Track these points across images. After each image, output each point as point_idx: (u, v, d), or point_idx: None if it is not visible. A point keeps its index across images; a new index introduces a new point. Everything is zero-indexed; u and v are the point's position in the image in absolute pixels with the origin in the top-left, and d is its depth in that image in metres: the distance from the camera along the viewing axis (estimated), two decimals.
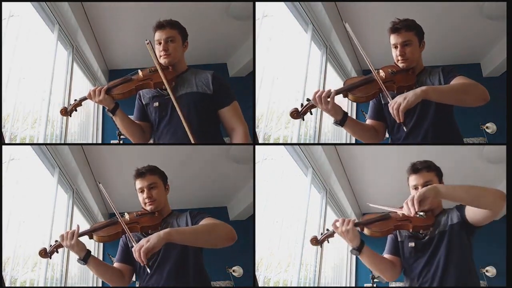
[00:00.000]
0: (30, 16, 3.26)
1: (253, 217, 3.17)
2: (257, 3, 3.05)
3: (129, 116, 2.52)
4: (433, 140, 2.36)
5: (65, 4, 3.28)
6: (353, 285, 4.08)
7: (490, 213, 2.20)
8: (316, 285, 3.66)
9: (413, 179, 2.37)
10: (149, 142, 2.61)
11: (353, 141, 3.99)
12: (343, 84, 2.35)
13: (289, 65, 3.56)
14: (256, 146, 3.10)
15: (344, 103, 3.88)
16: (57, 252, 2.42)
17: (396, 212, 2.31)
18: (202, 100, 2.42)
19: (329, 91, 2.24)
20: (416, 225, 2.31)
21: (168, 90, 2.36)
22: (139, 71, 2.42)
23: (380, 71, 2.35)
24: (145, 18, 3.47)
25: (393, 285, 4.01)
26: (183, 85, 2.44)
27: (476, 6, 3.49)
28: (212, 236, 2.28)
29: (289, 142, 3.46)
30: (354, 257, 4.13)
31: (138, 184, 2.44)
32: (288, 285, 3.47)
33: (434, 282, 2.29)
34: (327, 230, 2.36)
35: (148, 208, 2.41)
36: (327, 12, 3.45)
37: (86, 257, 2.34)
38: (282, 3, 3.27)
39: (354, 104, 4.09)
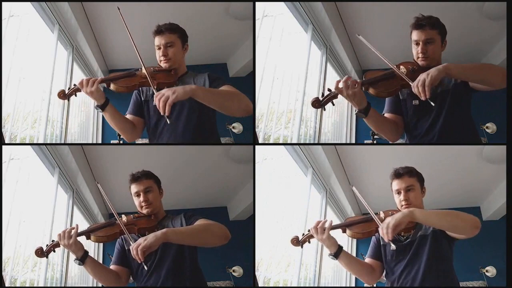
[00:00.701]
0: (30, 16, 3.26)
1: (253, 217, 3.17)
2: (257, 3, 3.05)
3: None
4: (448, 140, 2.34)
5: (65, 4, 3.28)
6: (353, 285, 4.08)
7: (465, 236, 2.25)
8: (316, 285, 3.66)
9: (395, 184, 2.39)
10: (139, 138, 2.61)
11: (353, 141, 3.99)
12: (364, 77, 2.31)
13: (289, 65, 3.57)
14: (256, 146, 3.10)
15: (344, 104, 3.90)
16: (54, 251, 2.40)
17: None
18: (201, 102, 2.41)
19: (354, 80, 2.21)
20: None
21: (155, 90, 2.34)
22: (143, 67, 2.41)
23: (401, 66, 2.31)
24: (145, 18, 3.48)
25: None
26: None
27: (476, 6, 3.49)
28: (207, 235, 2.31)
29: (289, 142, 3.46)
30: (354, 256, 4.13)
31: (134, 188, 2.47)
32: (288, 285, 3.47)
33: (414, 283, 2.30)
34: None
35: (144, 211, 2.44)
36: (327, 12, 3.45)
37: (83, 258, 2.34)
38: (282, 3, 3.27)
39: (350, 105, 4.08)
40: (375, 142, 3.81)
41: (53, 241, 2.38)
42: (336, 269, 4.03)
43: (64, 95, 2.42)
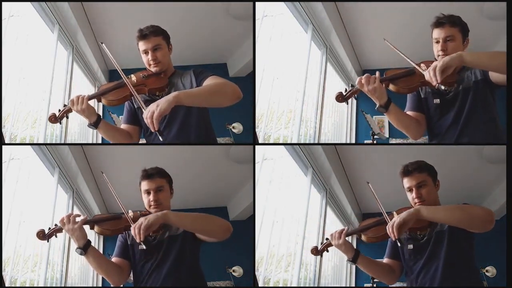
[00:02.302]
0: (30, 16, 3.26)
1: (253, 217, 3.17)
2: (257, 3, 3.05)
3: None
4: (472, 138, 2.32)
5: (65, 4, 3.28)
6: (353, 285, 4.08)
7: (479, 231, 2.24)
8: (316, 285, 3.66)
9: (406, 182, 2.37)
10: (140, 143, 2.60)
11: (353, 141, 3.99)
12: (384, 74, 2.32)
13: (289, 65, 3.57)
14: (256, 146, 3.10)
15: (345, 104, 3.90)
16: (56, 236, 2.34)
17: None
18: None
19: (374, 76, 2.23)
20: (413, 226, 2.31)
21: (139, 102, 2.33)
22: (131, 75, 2.41)
23: (422, 64, 2.30)
24: (145, 18, 3.48)
25: (393, 285, 4.00)
26: (171, 88, 2.43)
27: (476, 6, 3.48)
28: (208, 223, 2.31)
29: (289, 142, 3.46)
30: None
31: (145, 186, 2.42)
32: (288, 285, 3.46)
33: (434, 281, 2.28)
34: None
35: (152, 210, 2.38)
36: (327, 12, 3.45)
37: (85, 247, 2.29)
38: (282, 3, 3.27)
39: (355, 102, 4.09)
40: (375, 142, 3.81)
41: (56, 225, 2.32)
42: (336, 269, 4.03)
43: (55, 119, 2.38)
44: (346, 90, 2.31)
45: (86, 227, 2.32)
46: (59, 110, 2.36)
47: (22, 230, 3.29)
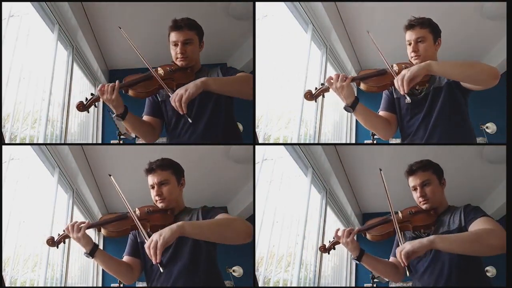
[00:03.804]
0: (30, 16, 3.26)
1: (253, 217, 3.17)
2: (257, 3, 3.05)
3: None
4: (441, 138, 2.35)
5: (65, 4, 3.28)
6: (353, 285, 4.07)
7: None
8: (316, 285, 3.66)
9: (410, 181, 2.39)
10: (158, 139, 2.56)
11: (353, 141, 3.99)
12: (357, 74, 2.40)
13: (289, 65, 3.56)
14: (256, 146, 3.09)
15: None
16: (64, 242, 2.34)
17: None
18: (217, 96, 2.37)
19: (345, 75, 2.28)
20: (417, 224, 2.31)
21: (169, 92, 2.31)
22: (158, 68, 2.37)
23: (394, 65, 2.36)
24: (145, 18, 3.48)
25: (393, 285, 4.00)
26: None
27: (476, 6, 3.49)
28: (228, 231, 2.21)
29: (289, 142, 3.46)
30: None
31: (149, 180, 2.37)
32: (288, 285, 3.46)
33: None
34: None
35: (159, 205, 2.34)
36: (327, 12, 3.45)
37: (92, 251, 2.27)
38: (282, 3, 3.27)
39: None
40: (375, 142, 3.81)
41: (64, 231, 2.32)
42: (336, 269, 4.03)
43: (83, 107, 2.32)
44: (316, 88, 2.35)
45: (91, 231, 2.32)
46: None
47: (22, 230, 3.29)
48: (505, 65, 2.62)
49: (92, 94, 2.33)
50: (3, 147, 2.99)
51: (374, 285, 3.90)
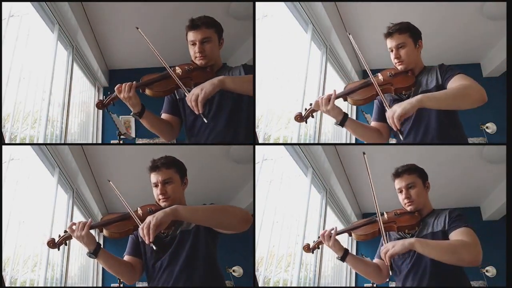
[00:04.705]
0: (30, 16, 3.26)
1: (253, 217, 3.16)
2: (257, 3, 3.05)
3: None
4: (435, 140, 2.36)
5: (65, 4, 3.28)
6: (353, 285, 4.08)
7: None
8: (316, 285, 3.66)
9: (396, 183, 2.46)
10: (177, 137, 2.55)
11: (353, 141, 3.99)
12: (344, 89, 2.43)
13: (289, 65, 3.56)
14: (256, 146, 3.09)
15: (345, 104, 3.89)
16: (66, 244, 2.31)
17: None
18: (238, 94, 2.36)
19: (330, 94, 2.34)
20: (401, 225, 2.35)
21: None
22: (176, 67, 2.36)
23: (379, 74, 2.40)
24: (145, 18, 3.48)
25: (393, 285, 4.00)
26: None
27: (476, 6, 3.49)
28: (224, 216, 2.22)
29: (289, 142, 3.46)
30: None
31: (153, 178, 2.34)
32: (288, 285, 3.47)
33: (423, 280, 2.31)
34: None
35: (162, 204, 2.31)
36: (327, 12, 3.45)
37: (96, 251, 2.26)
38: (282, 3, 3.27)
39: (351, 106, 4.11)
40: None
41: (65, 232, 2.29)
42: (336, 269, 4.03)
43: (102, 105, 2.33)
44: (305, 109, 2.42)
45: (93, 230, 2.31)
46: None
47: (22, 230, 3.29)
48: (505, 65, 2.62)
49: (109, 92, 2.34)
50: (3, 147, 2.99)
51: (374, 285, 3.90)
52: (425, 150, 3.30)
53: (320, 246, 2.51)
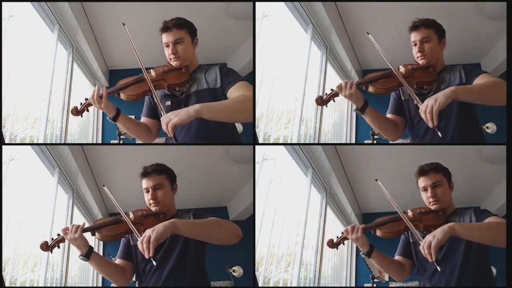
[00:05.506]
0: (30, 16, 3.26)
1: (253, 217, 3.17)
2: (257, 3, 3.05)
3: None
4: (453, 138, 2.35)
5: (65, 4, 3.28)
6: (353, 285, 4.07)
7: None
8: (316, 285, 3.66)
9: (421, 181, 2.41)
10: (155, 140, 2.58)
11: (353, 141, 3.99)
12: (364, 78, 2.42)
13: (289, 65, 3.56)
14: (256, 146, 3.09)
15: (345, 104, 3.89)
16: (59, 247, 2.37)
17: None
18: (213, 95, 2.36)
19: (352, 82, 2.32)
20: (427, 224, 2.34)
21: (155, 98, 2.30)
22: (151, 70, 2.37)
23: (400, 67, 2.38)
24: (145, 18, 3.48)
25: (393, 285, 4.00)
26: (194, 83, 2.39)
27: (476, 6, 3.48)
28: (217, 231, 2.26)
29: (289, 142, 3.46)
30: (354, 256, 4.13)
31: (144, 183, 2.40)
32: (288, 285, 3.46)
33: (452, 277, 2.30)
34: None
35: (152, 209, 2.38)
36: (327, 12, 3.45)
37: (88, 253, 2.30)
38: (282, 3, 3.26)
39: (350, 105, 4.11)
40: (375, 142, 3.81)
41: (58, 235, 2.34)
42: (336, 269, 4.03)
43: (77, 112, 2.37)
44: (326, 94, 2.40)
45: (88, 234, 2.33)
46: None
47: (22, 230, 3.29)
48: (505, 65, 2.62)
49: (86, 99, 2.37)
50: (3, 147, 2.99)
51: (374, 285, 3.90)
52: (425, 150, 3.30)
53: (345, 241, 2.45)
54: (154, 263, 2.15)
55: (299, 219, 3.55)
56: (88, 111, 2.38)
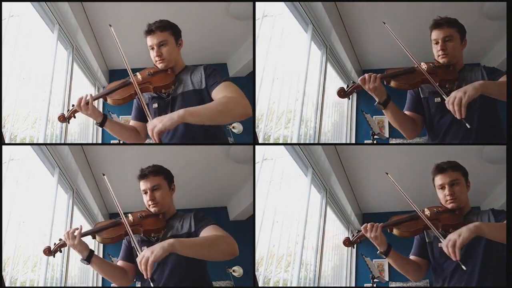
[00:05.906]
0: (30, 16, 3.26)
1: (253, 217, 3.17)
2: (257, 3, 3.05)
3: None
4: (477, 137, 2.34)
5: (65, 4, 3.28)
6: (353, 285, 4.07)
7: None
8: (316, 285, 3.66)
9: (439, 179, 2.39)
10: (145, 142, 2.60)
11: (353, 141, 3.99)
12: (385, 72, 2.38)
13: (289, 65, 3.56)
14: (256, 146, 3.09)
15: (345, 104, 3.88)
16: (61, 251, 2.41)
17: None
18: (198, 96, 2.36)
19: (375, 75, 2.30)
20: (446, 223, 2.31)
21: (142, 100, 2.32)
22: (137, 73, 2.39)
23: (422, 63, 2.36)
24: (145, 18, 3.48)
25: (393, 285, 4.01)
26: (180, 85, 2.40)
27: (476, 6, 3.49)
28: (214, 251, 2.23)
29: (289, 142, 3.46)
30: (354, 256, 4.13)
31: (142, 185, 2.42)
32: (288, 285, 3.46)
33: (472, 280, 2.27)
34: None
35: (152, 210, 2.39)
36: (327, 12, 3.45)
37: (89, 257, 2.33)
38: (282, 3, 3.27)
39: (355, 102, 4.11)
40: (375, 142, 3.81)
41: (60, 239, 2.37)
42: (336, 269, 4.03)
43: (64, 119, 2.38)
44: (347, 86, 2.37)
45: (88, 237, 2.34)
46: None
47: (22, 230, 3.29)
48: (505, 65, 2.61)
49: (73, 105, 2.38)
50: (3, 147, 2.99)
51: (374, 285, 3.90)
52: (425, 150, 3.30)
53: (361, 240, 2.40)
54: (152, 284, 2.15)
55: (299, 219, 3.55)
56: (75, 117, 2.40)
